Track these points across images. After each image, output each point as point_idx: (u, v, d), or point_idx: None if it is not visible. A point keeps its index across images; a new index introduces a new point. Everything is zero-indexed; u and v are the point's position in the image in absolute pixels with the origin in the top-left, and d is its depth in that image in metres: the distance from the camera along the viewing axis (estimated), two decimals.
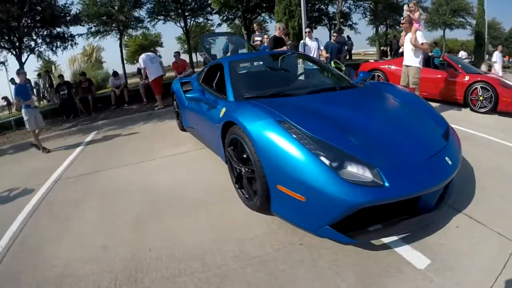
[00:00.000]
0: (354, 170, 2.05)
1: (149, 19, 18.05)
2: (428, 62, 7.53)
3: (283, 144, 2.25)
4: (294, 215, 2.31)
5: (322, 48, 7.90)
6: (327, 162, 2.06)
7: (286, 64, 4.29)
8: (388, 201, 2.03)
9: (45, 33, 12.66)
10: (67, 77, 16.48)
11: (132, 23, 17.42)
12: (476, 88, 6.66)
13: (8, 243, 3.02)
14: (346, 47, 19.33)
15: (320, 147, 2.15)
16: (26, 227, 3.32)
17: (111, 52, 52.12)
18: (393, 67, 8.10)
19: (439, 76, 7.30)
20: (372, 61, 11.51)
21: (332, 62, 7.64)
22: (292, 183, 2.17)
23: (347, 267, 2.16)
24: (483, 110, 6.55)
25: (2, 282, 2.47)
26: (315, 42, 7.70)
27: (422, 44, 5.56)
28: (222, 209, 3.04)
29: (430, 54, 8.34)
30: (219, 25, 23.11)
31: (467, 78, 6.88)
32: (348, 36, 19.26)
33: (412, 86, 5.79)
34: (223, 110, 3.18)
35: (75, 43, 14.39)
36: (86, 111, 10.29)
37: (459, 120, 5.64)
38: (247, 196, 2.84)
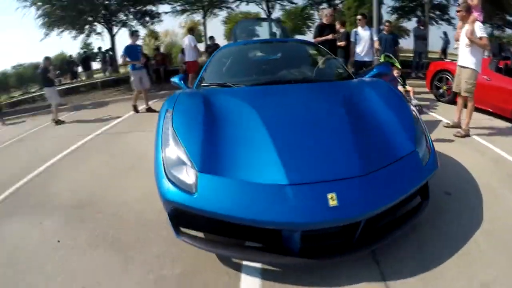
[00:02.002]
0: (181, 170, 1.95)
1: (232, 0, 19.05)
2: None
3: (157, 130, 2.36)
4: None
5: (375, 38, 6.88)
6: (164, 155, 2.07)
7: (274, 52, 4.13)
8: (195, 211, 1.82)
9: (134, 10, 14.86)
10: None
11: (216, 3, 18.81)
12: None
13: (43, 170, 4.26)
14: (443, 44, 17.33)
15: (171, 141, 2.13)
16: (58, 162, 4.50)
17: (211, 27, 55.20)
18: None
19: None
20: (448, 60, 10.41)
21: (382, 56, 6.89)
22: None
23: (181, 261, 2.11)
24: None
25: (33, 189, 3.72)
26: (368, 31, 6.74)
27: (480, 38, 4.15)
28: None
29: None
30: (304, 8, 23.10)
31: None
32: (444, 33, 17.30)
33: (464, 94, 4.45)
34: None
35: (161, 20, 16.63)
36: (157, 81, 11.97)
37: None
38: None
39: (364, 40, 6.70)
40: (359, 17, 7.04)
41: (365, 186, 1.80)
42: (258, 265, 2.01)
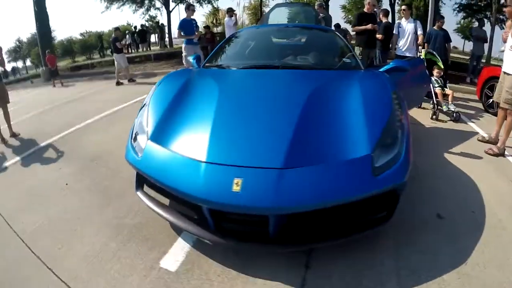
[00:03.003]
0: (142, 136, 2.17)
1: None
2: None
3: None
4: None
5: (420, 32, 6.18)
6: (136, 121, 2.36)
7: (286, 37, 4.16)
8: (140, 172, 2.04)
9: None
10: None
11: None
12: None
13: (79, 127, 4.95)
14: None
15: (145, 111, 2.37)
16: (94, 122, 5.17)
17: None
18: None
19: None
20: None
21: (424, 52, 6.11)
22: None
23: (142, 215, 2.37)
24: None
25: (67, 141, 4.41)
26: (412, 23, 6.13)
27: None
28: None
29: None
30: None
31: None
32: None
33: (503, 106, 3.70)
34: None
35: None
36: (205, 57, 12.52)
37: None
38: None
39: (407, 34, 6.16)
40: (403, 7, 6.47)
41: (280, 180, 1.67)
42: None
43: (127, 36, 17.81)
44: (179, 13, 16.62)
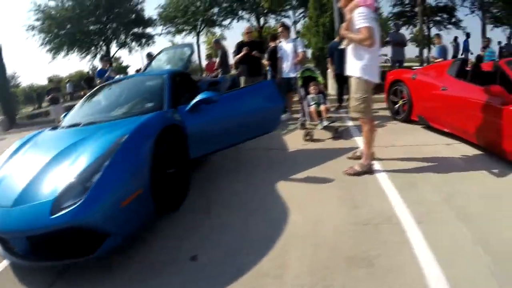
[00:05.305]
0: None
1: (221, 18, 20.94)
2: (476, 71, 4.08)
3: None
4: None
5: (300, 50, 5.90)
6: None
7: (119, 91, 4.33)
8: None
9: (128, 33, 17.98)
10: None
11: (208, 23, 20.49)
12: None
13: None
14: (453, 52, 12.62)
15: None
16: None
17: (235, 39, 55.69)
18: (419, 77, 4.89)
19: (474, 97, 3.57)
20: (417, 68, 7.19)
21: (300, 72, 5.55)
22: None
23: None
24: None
25: None
26: (291, 43, 5.95)
27: (358, 30, 2.92)
28: None
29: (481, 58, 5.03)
30: (295, 22, 23.03)
31: None
32: (455, 38, 14.32)
33: (353, 115, 3.30)
34: None
35: (153, 41, 20.06)
36: None
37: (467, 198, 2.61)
38: None
39: (287, 54, 5.96)
40: (280, 28, 6.21)
41: (8, 214, 2.31)
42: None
43: (68, 85, 18.98)
44: (142, 57, 18.68)
